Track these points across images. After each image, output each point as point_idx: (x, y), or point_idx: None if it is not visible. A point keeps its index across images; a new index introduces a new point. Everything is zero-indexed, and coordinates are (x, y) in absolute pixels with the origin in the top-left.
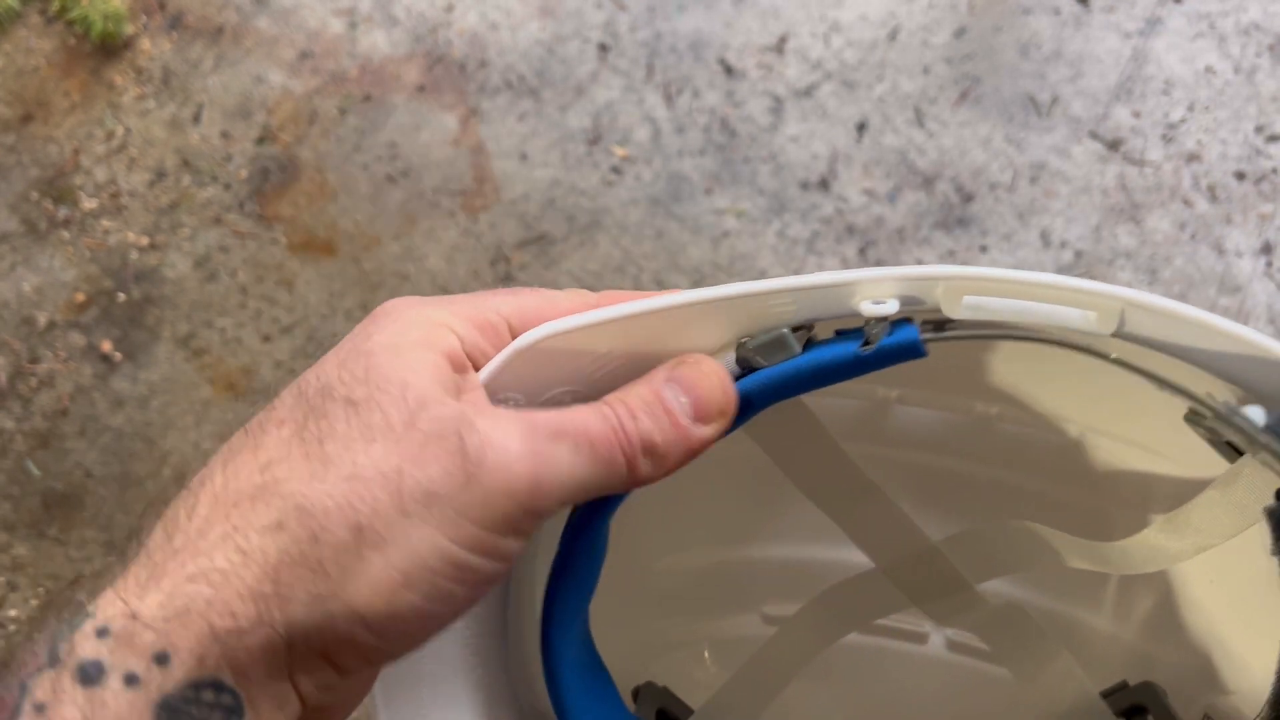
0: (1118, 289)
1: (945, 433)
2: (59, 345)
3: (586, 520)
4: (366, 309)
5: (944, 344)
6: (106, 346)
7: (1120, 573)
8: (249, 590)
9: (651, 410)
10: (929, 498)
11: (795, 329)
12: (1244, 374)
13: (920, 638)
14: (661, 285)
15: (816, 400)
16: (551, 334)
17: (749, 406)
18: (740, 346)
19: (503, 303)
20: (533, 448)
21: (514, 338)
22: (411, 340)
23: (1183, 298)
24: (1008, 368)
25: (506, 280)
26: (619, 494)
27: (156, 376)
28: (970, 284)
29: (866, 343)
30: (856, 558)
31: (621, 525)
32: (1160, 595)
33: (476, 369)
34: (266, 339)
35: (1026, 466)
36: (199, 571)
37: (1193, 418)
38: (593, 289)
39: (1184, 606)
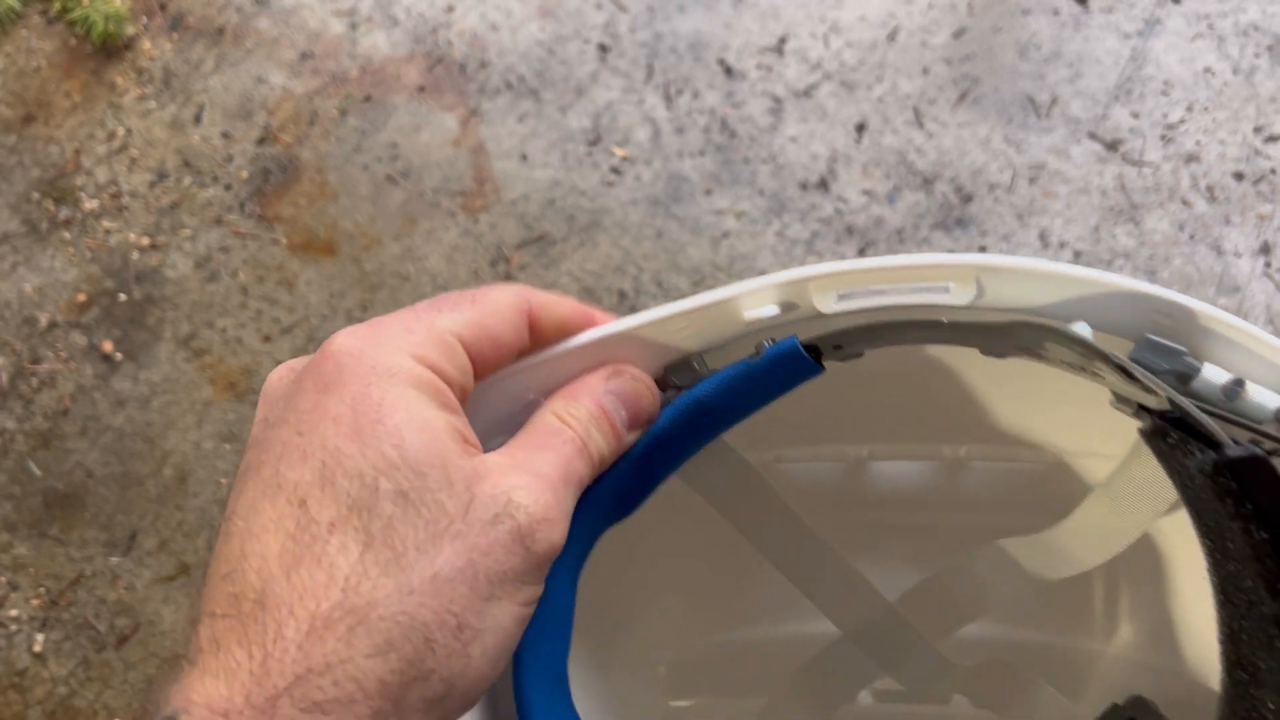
0: (967, 256)
1: (919, 483)
2: (60, 345)
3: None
4: (367, 309)
5: (903, 389)
6: (108, 347)
7: (1086, 565)
8: (371, 715)
9: (601, 426)
10: (902, 555)
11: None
12: (1103, 316)
13: (943, 698)
14: (661, 286)
15: (794, 469)
16: (511, 373)
17: (677, 443)
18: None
19: (447, 320)
20: (558, 502)
21: (468, 354)
22: (413, 400)
23: None
24: (968, 401)
25: (507, 280)
26: (576, 560)
27: (157, 376)
28: (836, 280)
29: (755, 353)
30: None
31: (617, 612)
32: (1149, 608)
33: (457, 398)
34: (267, 339)
35: (998, 503)
36: (314, 704)
37: (1116, 403)
38: (592, 290)
39: (1175, 617)
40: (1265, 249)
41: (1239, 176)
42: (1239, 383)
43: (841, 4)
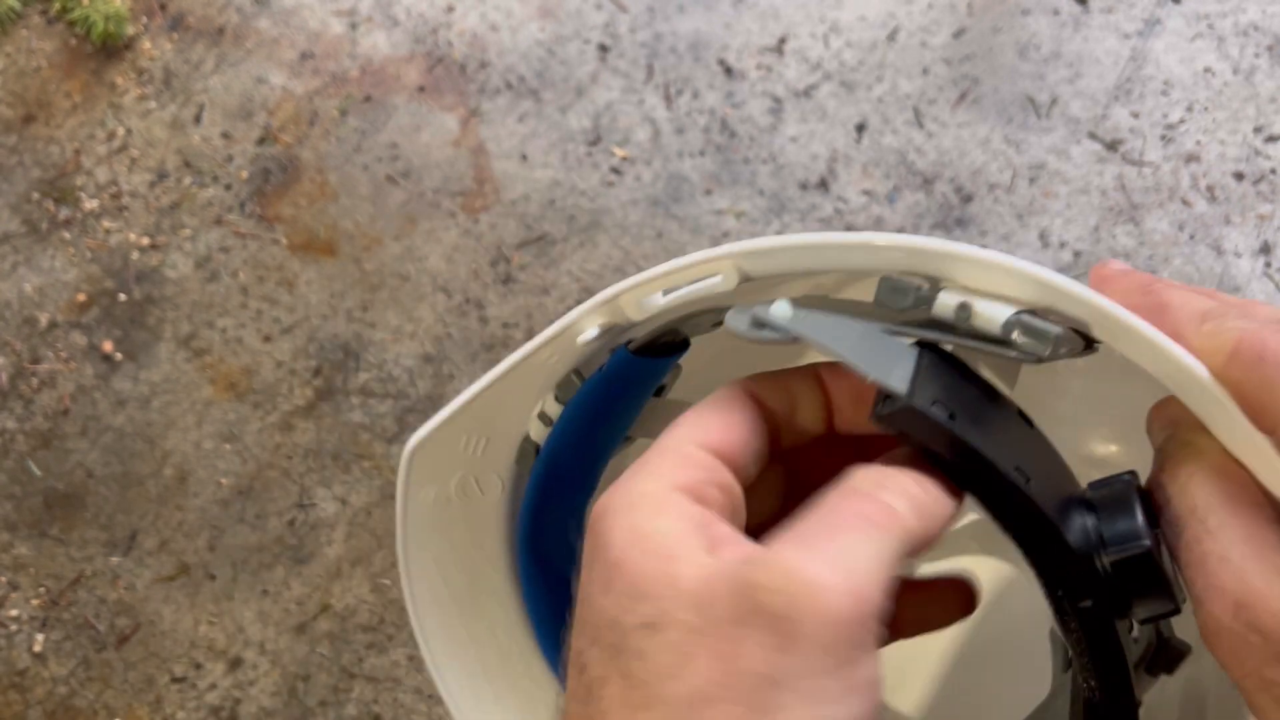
0: (725, 248)
1: None
2: (60, 345)
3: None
4: (367, 309)
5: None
6: (108, 347)
7: None
8: None
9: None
10: None
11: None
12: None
13: None
14: None
15: None
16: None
17: (567, 473)
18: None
19: (693, 439)
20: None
21: (726, 465)
22: (640, 522)
23: None
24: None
25: (507, 281)
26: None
27: (158, 376)
28: (636, 290)
29: (579, 375)
30: None
31: None
32: None
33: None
34: (267, 339)
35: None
36: None
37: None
38: (592, 290)
39: None
40: (1265, 249)
41: (1239, 176)
42: (965, 305)
43: (841, 4)
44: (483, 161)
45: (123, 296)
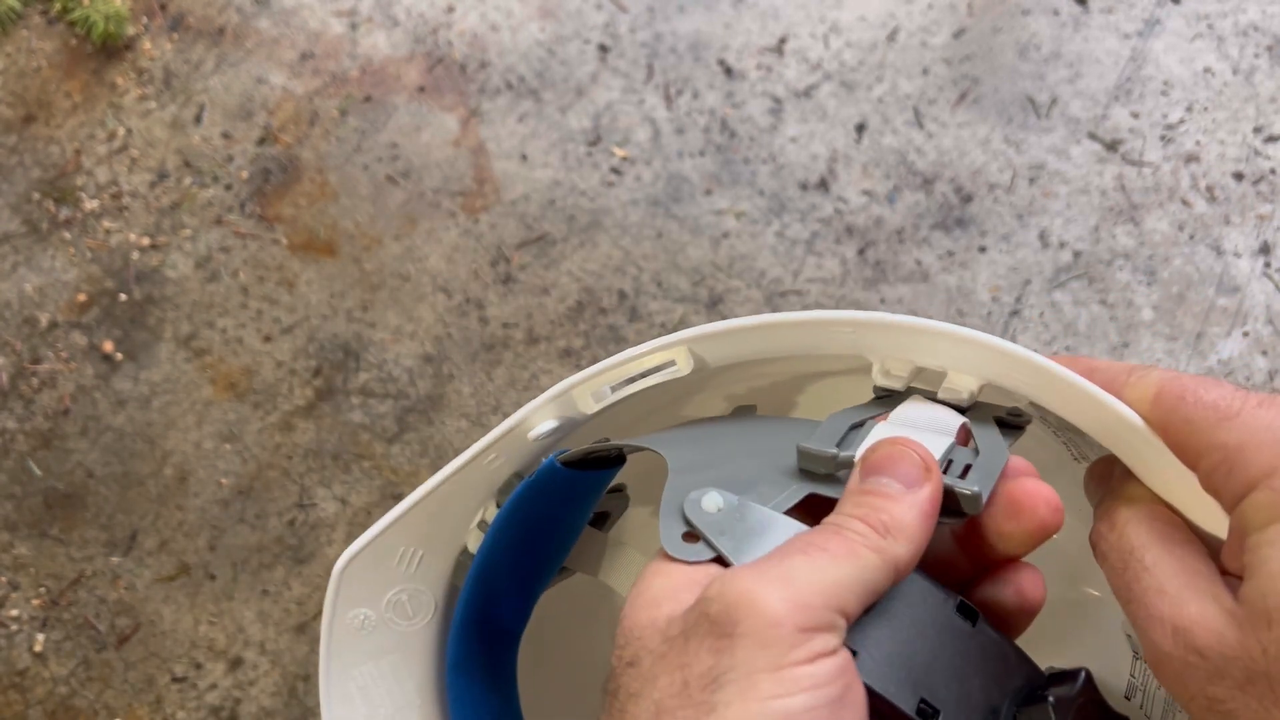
0: (679, 334)
1: None
2: (60, 345)
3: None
4: (367, 309)
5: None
6: (108, 347)
7: None
8: None
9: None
10: None
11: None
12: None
13: None
14: (661, 286)
15: None
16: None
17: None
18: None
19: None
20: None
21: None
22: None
23: (1181, 298)
24: None
25: (507, 281)
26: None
27: (158, 376)
28: (589, 383)
29: (520, 475)
30: None
31: None
32: None
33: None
34: (268, 339)
35: None
36: None
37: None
38: (592, 290)
39: None
40: (1265, 249)
41: (1239, 176)
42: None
43: (841, 4)
44: (483, 161)
45: (123, 296)
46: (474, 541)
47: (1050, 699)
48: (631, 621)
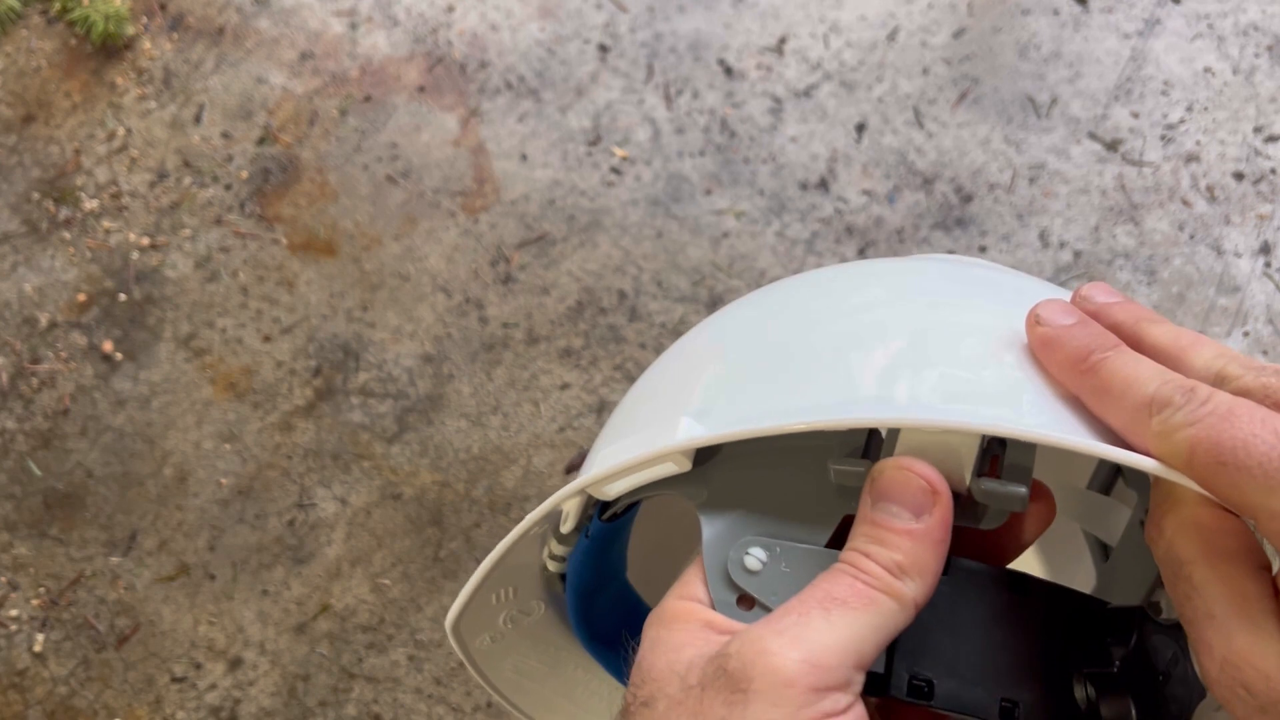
0: (679, 442)
1: None
2: (60, 345)
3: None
4: (367, 309)
5: None
6: (108, 346)
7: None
8: None
9: (875, 536)
10: None
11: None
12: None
13: None
14: (661, 286)
15: None
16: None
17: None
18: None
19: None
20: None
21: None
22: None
23: (1181, 298)
24: None
25: (507, 280)
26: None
27: (158, 376)
28: (603, 481)
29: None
30: None
31: None
32: None
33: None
34: (267, 339)
35: None
36: None
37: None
38: (592, 289)
39: None
40: (1265, 249)
41: (1239, 176)
42: None
43: (841, 4)
44: (483, 161)
45: (123, 296)
46: (553, 567)
47: (1115, 663)
48: (650, 663)
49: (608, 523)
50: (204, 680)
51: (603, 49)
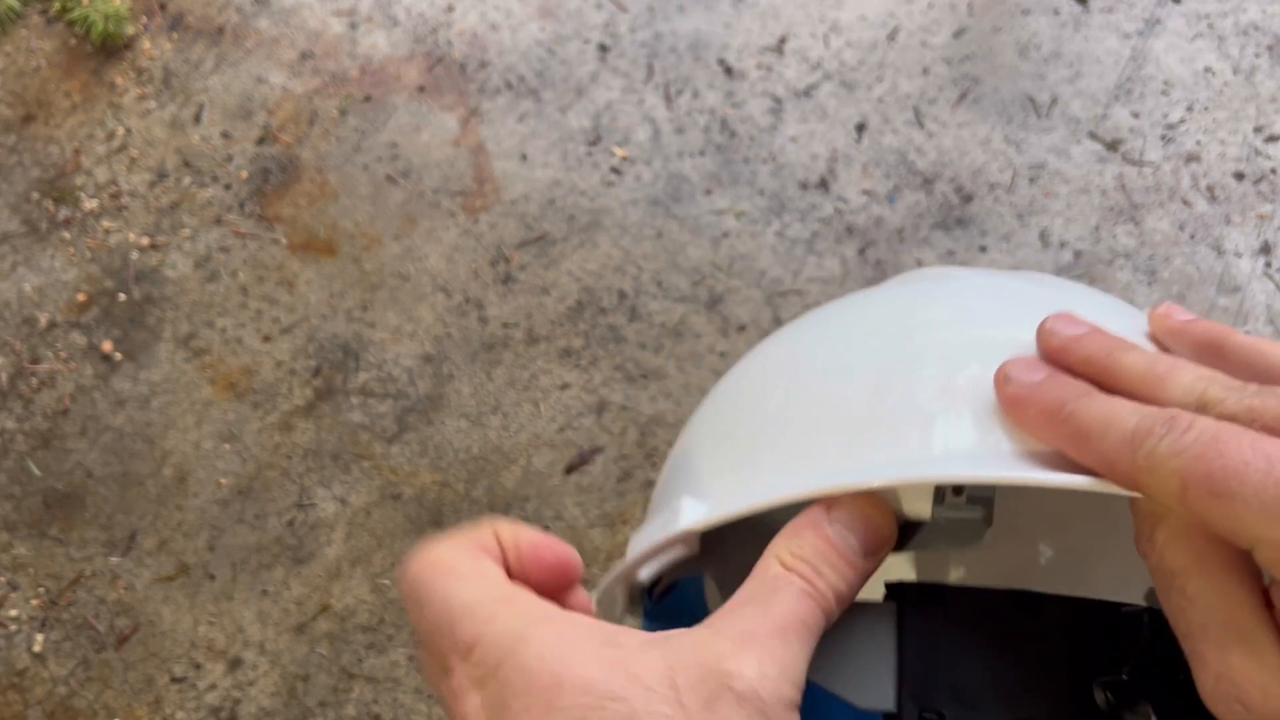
0: (684, 526)
1: None
2: (60, 345)
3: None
4: (367, 309)
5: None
6: (107, 346)
7: None
8: None
9: (829, 560)
10: None
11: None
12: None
13: None
14: (661, 286)
15: None
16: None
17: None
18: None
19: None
20: (771, 656)
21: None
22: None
23: (1182, 298)
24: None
25: (507, 280)
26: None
27: (157, 376)
28: (634, 568)
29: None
30: None
31: None
32: None
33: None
34: (267, 339)
35: None
36: None
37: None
38: (592, 289)
39: None
40: (1265, 249)
41: (1239, 176)
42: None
43: (841, 4)
44: (483, 161)
45: (122, 296)
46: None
47: (1123, 673)
48: (589, 679)
49: (660, 601)
50: (204, 680)
51: (603, 49)
